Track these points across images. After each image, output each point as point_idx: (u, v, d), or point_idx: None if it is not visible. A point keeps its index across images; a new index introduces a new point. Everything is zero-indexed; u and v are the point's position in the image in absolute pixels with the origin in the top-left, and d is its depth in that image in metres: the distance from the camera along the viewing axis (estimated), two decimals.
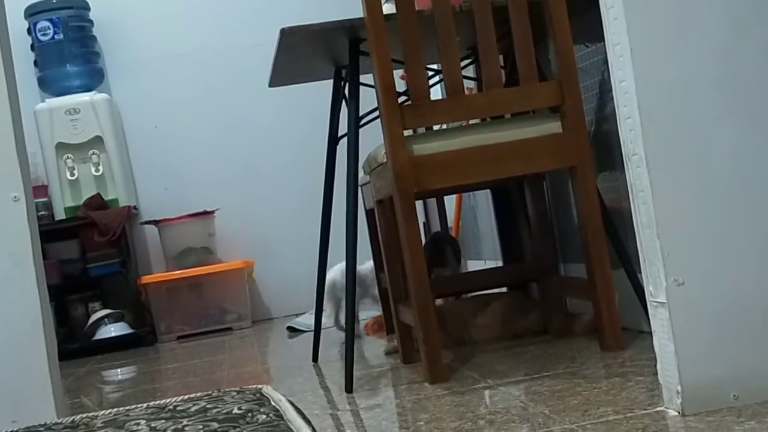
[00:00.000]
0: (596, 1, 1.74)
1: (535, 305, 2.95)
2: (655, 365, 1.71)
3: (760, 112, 1.65)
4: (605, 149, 2.69)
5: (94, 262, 4.86)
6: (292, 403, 1.41)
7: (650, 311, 1.70)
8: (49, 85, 5.03)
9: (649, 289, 1.69)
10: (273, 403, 1.42)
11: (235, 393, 1.51)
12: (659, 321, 1.67)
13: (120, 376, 3.77)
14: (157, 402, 1.52)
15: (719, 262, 1.64)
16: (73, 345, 4.69)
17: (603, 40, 1.73)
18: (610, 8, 1.69)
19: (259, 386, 1.57)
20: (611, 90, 1.74)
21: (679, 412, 1.64)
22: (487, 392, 2.15)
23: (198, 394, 1.53)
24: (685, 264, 1.64)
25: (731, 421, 1.55)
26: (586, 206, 2.41)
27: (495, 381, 2.25)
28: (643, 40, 1.64)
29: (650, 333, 1.72)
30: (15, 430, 1.56)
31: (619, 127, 1.73)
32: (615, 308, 2.40)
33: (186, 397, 1.54)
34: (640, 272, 1.73)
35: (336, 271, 3.65)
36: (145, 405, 1.55)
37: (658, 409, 1.71)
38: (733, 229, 1.65)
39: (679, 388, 1.64)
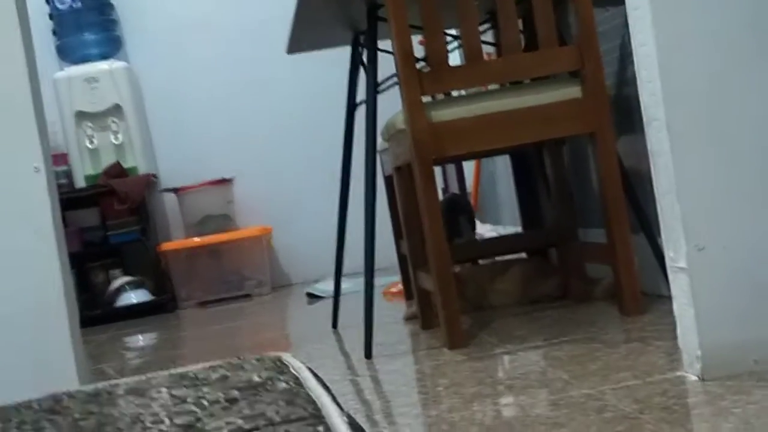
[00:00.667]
0: None
1: (554, 270, 2.95)
2: (675, 330, 1.71)
3: None
4: (625, 114, 2.67)
5: (115, 230, 4.89)
6: (312, 371, 1.42)
7: (670, 276, 1.70)
8: (68, 54, 5.04)
9: (669, 254, 1.69)
10: (293, 371, 1.43)
11: (254, 361, 1.52)
12: (679, 286, 1.67)
13: (141, 343, 3.81)
14: (178, 370, 1.54)
15: (740, 227, 1.64)
16: (95, 312, 4.73)
17: (623, 2, 1.71)
18: None
19: (279, 354, 1.58)
20: (631, 54, 1.72)
21: (698, 377, 1.64)
22: (506, 357, 2.16)
23: (218, 362, 1.55)
24: (705, 229, 1.63)
25: (751, 385, 1.55)
26: (605, 171, 2.40)
27: (514, 346, 2.26)
28: (664, 3, 1.62)
29: (670, 297, 1.72)
30: (38, 397, 1.58)
31: (639, 92, 1.71)
32: (634, 273, 2.40)
33: (207, 364, 1.55)
34: (660, 237, 1.72)
35: None
36: (166, 373, 1.56)
37: (678, 373, 1.71)
38: (754, 194, 1.63)
39: (698, 352, 1.63)
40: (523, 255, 3.19)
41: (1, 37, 2.16)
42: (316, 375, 1.40)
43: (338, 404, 1.28)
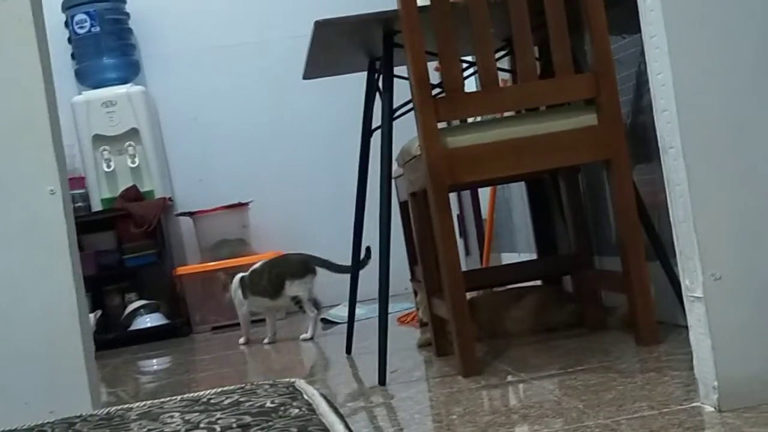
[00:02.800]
0: None
1: (569, 298, 2.93)
2: (692, 360, 1.70)
3: None
4: (641, 141, 2.67)
5: (130, 253, 4.90)
6: (324, 397, 1.41)
7: (687, 306, 1.68)
8: (86, 78, 5.08)
9: (685, 283, 1.68)
10: (306, 397, 1.42)
11: (267, 386, 1.52)
12: (696, 316, 1.66)
13: (155, 367, 3.80)
14: (191, 394, 1.53)
15: (757, 257, 1.62)
16: (109, 335, 4.74)
17: (639, 31, 1.71)
18: (646, 0, 1.67)
19: (292, 379, 1.57)
20: (648, 82, 1.72)
21: (715, 408, 1.62)
22: (520, 386, 2.14)
23: (231, 387, 1.54)
24: (722, 258, 1.62)
25: None
26: (621, 199, 2.39)
27: (529, 374, 2.24)
28: (680, 31, 1.62)
29: (686, 327, 1.70)
30: (52, 421, 1.58)
31: (655, 120, 1.71)
32: (650, 302, 2.38)
33: (219, 389, 1.55)
34: (677, 265, 1.71)
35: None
36: (179, 397, 1.56)
37: (695, 404, 1.70)
38: None
39: (715, 383, 1.62)
40: (538, 282, 3.18)
41: (20, 61, 2.17)
42: (329, 401, 1.40)
43: (351, 431, 1.28)
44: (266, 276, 3.89)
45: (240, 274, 3.97)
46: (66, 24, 5.04)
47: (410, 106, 2.67)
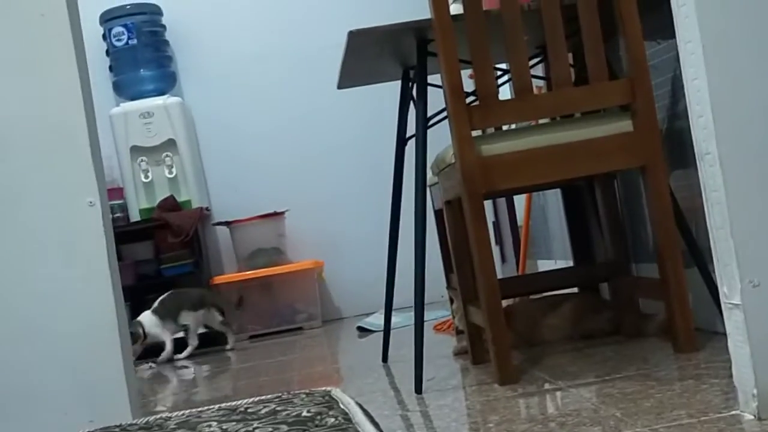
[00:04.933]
0: None
1: (606, 306, 2.92)
2: (730, 367, 1.68)
3: None
4: (678, 147, 2.65)
5: (168, 263, 4.94)
6: (360, 406, 1.41)
7: (725, 313, 1.67)
8: (124, 90, 5.14)
9: (723, 290, 1.66)
10: (342, 406, 1.43)
11: (304, 395, 1.52)
12: (734, 323, 1.64)
13: (193, 376, 3.83)
14: (229, 404, 1.54)
15: None
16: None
17: (674, 36, 1.70)
18: (681, 6, 1.66)
19: (329, 388, 1.58)
20: (683, 87, 1.71)
21: (755, 416, 1.61)
22: (557, 394, 2.13)
23: (268, 396, 1.55)
24: (760, 265, 1.60)
25: None
26: (658, 206, 2.37)
27: (566, 382, 2.23)
28: (715, 37, 1.61)
29: (725, 334, 1.69)
30: (91, 429, 1.60)
31: (691, 125, 1.70)
32: (688, 309, 2.36)
33: (256, 399, 1.55)
34: (714, 272, 1.70)
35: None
36: (216, 407, 1.57)
37: (734, 412, 1.68)
38: None
39: (755, 391, 1.60)
40: (575, 290, 3.16)
41: (59, 74, 2.20)
42: (365, 410, 1.40)
43: None
44: (171, 303, 4.48)
45: (153, 308, 4.50)
46: (104, 37, 5.11)
47: (444, 114, 2.67)
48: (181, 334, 4.54)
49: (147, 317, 4.44)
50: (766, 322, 1.60)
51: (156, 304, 4.49)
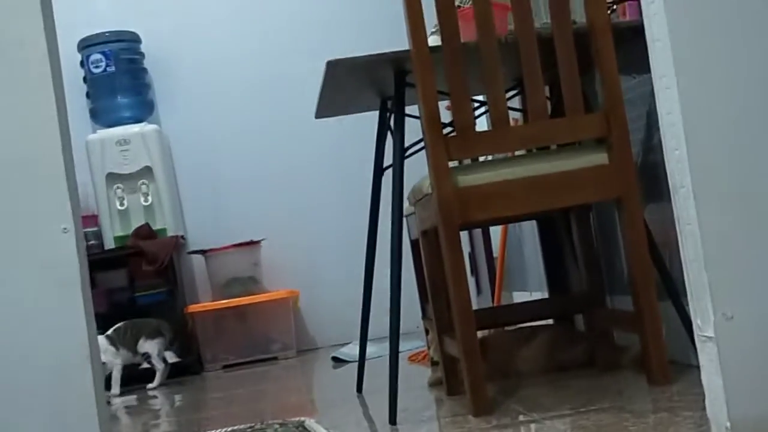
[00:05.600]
0: (643, 33, 1.73)
1: (581, 337, 2.92)
2: (704, 400, 1.69)
3: None
4: (652, 181, 2.67)
5: (142, 291, 4.91)
6: None
7: (698, 345, 1.68)
8: (101, 117, 5.12)
9: (696, 322, 1.67)
10: None
11: (277, 425, 1.51)
12: (707, 355, 1.65)
13: (166, 405, 3.79)
14: None
15: None
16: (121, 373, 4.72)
17: (650, 71, 1.72)
18: (656, 40, 1.68)
19: (302, 419, 1.57)
20: (658, 121, 1.72)
21: None
22: (532, 426, 2.13)
23: (241, 426, 1.54)
24: (733, 298, 1.61)
25: None
26: (632, 238, 2.39)
27: (540, 414, 2.23)
28: (690, 71, 1.63)
29: (698, 366, 1.69)
30: None
31: (665, 159, 1.71)
32: (662, 342, 2.37)
33: (229, 429, 1.54)
34: (688, 304, 1.71)
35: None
36: None
37: None
38: None
39: (728, 424, 1.60)
40: (550, 321, 3.16)
41: (35, 99, 2.19)
42: None
43: None
44: (128, 333, 4.47)
45: (106, 334, 4.44)
46: (81, 63, 5.10)
47: (421, 144, 2.68)
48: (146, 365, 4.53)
49: (99, 342, 4.40)
50: (739, 354, 1.61)
51: (110, 331, 4.45)
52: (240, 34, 5.39)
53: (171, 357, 4.57)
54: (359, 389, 3.12)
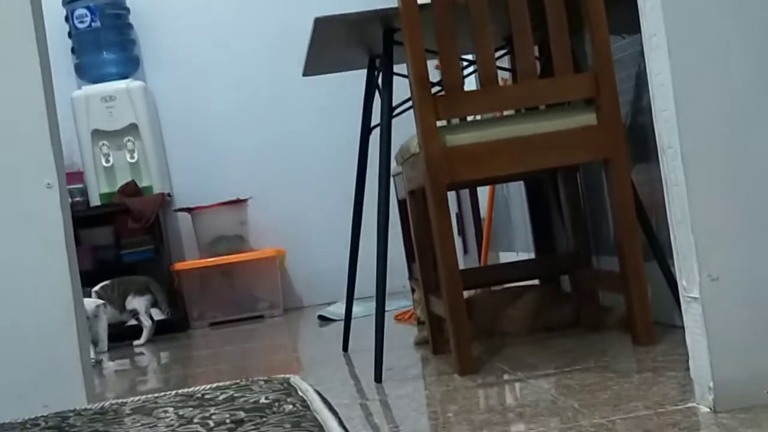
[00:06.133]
0: None
1: (567, 298, 2.93)
2: (688, 360, 1.70)
3: None
4: (640, 142, 2.66)
5: (128, 249, 4.90)
6: (319, 394, 1.41)
7: (683, 306, 1.68)
8: (86, 73, 5.08)
9: (682, 283, 1.67)
10: (300, 393, 1.42)
11: (262, 382, 1.51)
12: (692, 316, 1.65)
13: (152, 362, 3.80)
14: (186, 390, 1.53)
15: (754, 258, 1.62)
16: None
17: (640, 31, 1.71)
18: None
19: (287, 376, 1.57)
20: (647, 82, 1.71)
21: (710, 409, 1.62)
22: (516, 385, 2.14)
23: (226, 383, 1.54)
24: (719, 259, 1.61)
25: (764, 417, 1.53)
26: (619, 199, 2.39)
27: (525, 374, 2.24)
28: (680, 31, 1.62)
29: (683, 327, 1.70)
30: (45, 414, 1.58)
31: (654, 120, 1.70)
32: (647, 302, 2.38)
33: (214, 385, 1.54)
34: (674, 266, 1.71)
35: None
36: (173, 392, 1.56)
37: (690, 405, 1.69)
38: None
39: (711, 384, 1.62)
40: (536, 281, 3.17)
41: (18, 54, 2.17)
42: (323, 398, 1.39)
43: (345, 428, 1.27)
44: (115, 290, 4.50)
45: (94, 288, 4.47)
46: (66, 18, 5.04)
47: (410, 104, 2.67)
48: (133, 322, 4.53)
49: (88, 300, 4.41)
50: (723, 315, 1.61)
51: (98, 287, 4.47)
52: None
53: (158, 314, 4.58)
54: (345, 348, 3.13)
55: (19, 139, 2.13)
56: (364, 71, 3.03)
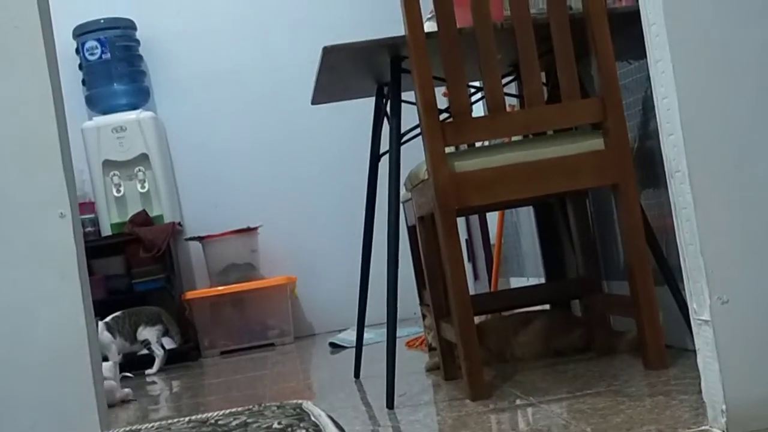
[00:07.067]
0: (638, 19, 1.74)
1: (577, 323, 2.93)
2: (700, 383, 1.69)
3: None
4: (648, 166, 2.67)
5: (139, 278, 4.91)
6: (331, 419, 1.41)
7: (694, 329, 1.68)
8: (97, 104, 5.11)
9: (693, 306, 1.68)
10: (313, 418, 1.42)
11: (275, 408, 1.51)
12: (703, 339, 1.66)
13: (164, 391, 3.80)
14: (199, 416, 1.53)
15: (764, 280, 1.62)
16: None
17: (645, 56, 1.72)
18: (651, 24, 1.68)
19: (300, 401, 1.57)
20: (654, 107, 1.73)
21: (724, 431, 1.62)
22: (529, 410, 2.14)
23: (239, 409, 1.54)
24: (729, 282, 1.62)
25: None
26: (629, 223, 2.39)
27: (537, 398, 2.24)
28: (685, 56, 1.63)
29: (695, 350, 1.70)
30: None
31: (661, 144, 1.71)
32: (659, 326, 2.38)
33: (227, 411, 1.55)
34: (684, 289, 1.71)
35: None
36: (186, 419, 1.56)
37: (703, 428, 1.69)
38: None
39: (723, 407, 1.61)
40: (547, 306, 3.17)
41: (31, 86, 2.19)
42: (336, 422, 1.39)
43: None
44: (126, 322, 4.48)
45: (105, 320, 4.43)
46: (77, 50, 5.09)
47: (418, 130, 2.68)
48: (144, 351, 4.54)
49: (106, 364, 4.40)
50: (734, 338, 1.61)
51: (109, 318, 4.46)
52: (236, 22, 5.38)
53: (169, 343, 4.57)
54: (357, 375, 3.13)
55: (32, 170, 2.15)
56: (373, 99, 3.05)
